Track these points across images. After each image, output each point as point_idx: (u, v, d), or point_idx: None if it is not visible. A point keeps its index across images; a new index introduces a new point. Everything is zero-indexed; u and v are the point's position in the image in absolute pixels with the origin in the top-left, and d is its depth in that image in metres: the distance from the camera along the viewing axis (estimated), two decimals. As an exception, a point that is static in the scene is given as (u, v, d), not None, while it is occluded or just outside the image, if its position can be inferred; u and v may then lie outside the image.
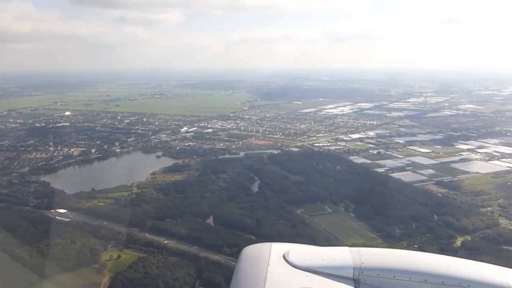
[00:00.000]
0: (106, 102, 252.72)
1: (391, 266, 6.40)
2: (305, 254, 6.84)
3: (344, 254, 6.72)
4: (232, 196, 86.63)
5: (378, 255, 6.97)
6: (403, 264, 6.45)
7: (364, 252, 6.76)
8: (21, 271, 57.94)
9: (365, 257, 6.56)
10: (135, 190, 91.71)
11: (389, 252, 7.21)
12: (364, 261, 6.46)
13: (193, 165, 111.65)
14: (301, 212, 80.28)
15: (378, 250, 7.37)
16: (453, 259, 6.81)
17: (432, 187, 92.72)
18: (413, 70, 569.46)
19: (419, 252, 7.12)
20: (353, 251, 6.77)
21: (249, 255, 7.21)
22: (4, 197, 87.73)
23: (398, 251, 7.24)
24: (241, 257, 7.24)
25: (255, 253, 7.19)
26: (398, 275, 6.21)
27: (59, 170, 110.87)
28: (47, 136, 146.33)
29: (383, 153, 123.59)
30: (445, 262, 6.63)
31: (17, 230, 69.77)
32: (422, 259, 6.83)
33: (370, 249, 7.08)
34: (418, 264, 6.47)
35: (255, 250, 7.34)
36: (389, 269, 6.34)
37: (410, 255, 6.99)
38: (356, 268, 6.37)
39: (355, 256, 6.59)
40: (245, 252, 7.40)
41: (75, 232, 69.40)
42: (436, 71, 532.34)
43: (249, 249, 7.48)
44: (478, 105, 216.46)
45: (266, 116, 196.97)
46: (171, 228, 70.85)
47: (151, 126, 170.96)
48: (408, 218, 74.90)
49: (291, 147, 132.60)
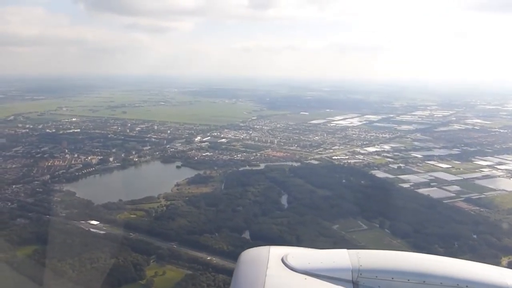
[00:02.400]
0: (111, 108, 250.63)
1: (390, 267, 6.45)
2: (303, 257, 6.86)
3: (342, 257, 6.75)
4: (264, 210, 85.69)
5: (377, 257, 6.97)
6: (401, 265, 6.50)
7: (363, 254, 6.80)
8: (67, 286, 56.45)
9: (364, 259, 6.59)
10: (164, 202, 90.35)
11: (387, 254, 7.13)
12: (363, 263, 6.49)
13: (216, 176, 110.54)
14: (337, 228, 79.50)
15: (376, 252, 7.27)
16: (451, 260, 6.87)
17: (462, 204, 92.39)
18: (413, 82, 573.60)
19: (417, 254, 7.18)
20: (351, 254, 6.78)
21: (248, 259, 7.15)
22: (32, 207, 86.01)
23: (396, 253, 7.15)
24: (240, 261, 7.15)
25: (253, 256, 7.15)
26: (397, 276, 6.27)
27: (80, 179, 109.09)
28: (60, 143, 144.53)
29: (403, 167, 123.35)
30: (444, 263, 6.70)
31: (54, 243, 68.11)
32: (420, 260, 6.89)
33: (368, 251, 7.13)
34: (417, 265, 6.53)
35: (254, 253, 7.28)
36: (387, 270, 6.38)
37: (408, 256, 7.06)
38: (355, 271, 6.39)
39: (354, 259, 6.61)
40: (243, 255, 7.31)
41: (114, 246, 68.01)
42: (434, 84, 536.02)
43: (248, 252, 7.41)
44: (485, 120, 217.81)
45: (276, 126, 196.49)
46: (211, 243, 69.66)
47: (163, 135, 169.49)
48: (448, 237, 74.39)
49: (310, 160, 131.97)
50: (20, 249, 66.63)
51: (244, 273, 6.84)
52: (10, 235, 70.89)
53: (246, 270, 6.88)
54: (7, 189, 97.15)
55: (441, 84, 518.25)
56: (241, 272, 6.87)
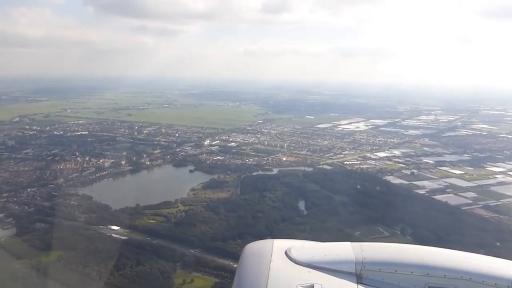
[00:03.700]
0: (116, 110, 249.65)
1: (393, 260, 6.46)
2: (307, 250, 6.89)
3: (346, 249, 6.76)
4: (284, 217, 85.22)
5: (380, 249, 7.00)
6: (405, 258, 6.51)
7: (366, 247, 6.81)
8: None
9: (367, 252, 6.61)
10: (181, 207, 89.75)
11: (391, 247, 7.14)
12: (366, 256, 6.51)
13: (230, 181, 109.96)
14: (358, 235, 79.05)
15: (379, 244, 7.28)
16: (455, 252, 6.86)
17: (481, 211, 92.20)
18: (413, 87, 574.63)
19: (421, 246, 7.08)
20: (355, 246, 6.80)
21: (252, 252, 7.18)
22: (50, 211, 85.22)
23: (400, 245, 7.16)
24: (244, 254, 7.18)
25: (257, 250, 7.19)
26: (400, 269, 6.28)
27: (94, 183, 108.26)
28: (70, 146, 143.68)
29: (416, 173, 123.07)
30: (447, 255, 6.69)
31: (77, 248, 67.70)
32: (424, 252, 6.83)
33: (372, 244, 7.12)
34: (420, 257, 6.52)
35: (257, 246, 7.31)
36: (391, 263, 6.40)
37: (412, 249, 6.99)
38: (358, 263, 6.41)
39: (357, 251, 6.63)
40: (247, 249, 7.34)
41: (138, 252, 67.39)
42: (436, 89, 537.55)
43: (251, 246, 7.43)
44: (491, 125, 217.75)
45: (284, 130, 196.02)
46: (236, 250, 68.82)
47: (172, 138, 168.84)
48: (472, 245, 73.59)
49: (322, 165, 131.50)
50: (44, 255, 65.83)
51: (247, 266, 6.86)
52: (32, 240, 70.15)
53: (250, 263, 6.89)
54: (22, 193, 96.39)
55: (442, 89, 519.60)
56: (244, 265, 6.90)
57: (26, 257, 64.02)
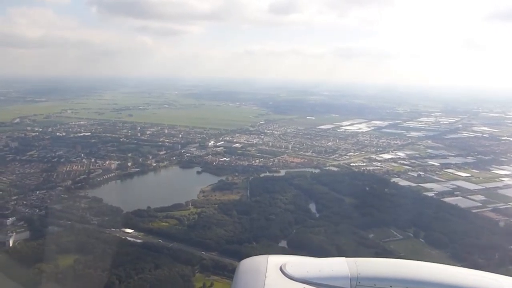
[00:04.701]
0: (117, 111, 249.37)
1: (388, 275, 6.48)
2: (302, 266, 6.89)
3: (341, 265, 6.78)
4: (297, 219, 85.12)
5: (375, 264, 7.05)
6: (399, 273, 6.55)
7: (361, 262, 6.83)
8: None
9: (362, 268, 6.63)
10: (193, 210, 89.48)
11: (385, 262, 7.20)
12: (361, 271, 6.53)
13: (239, 183, 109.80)
14: (372, 237, 79.21)
15: (374, 259, 7.38)
16: (449, 267, 7.00)
17: (491, 214, 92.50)
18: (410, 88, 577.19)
19: (415, 261, 7.12)
20: (349, 262, 6.82)
21: (247, 268, 7.18)
22: (62, 214, 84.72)
23: (394, 261, 7.24)
24: (239, 270, 7.18)
25: (252, 266, 7.18)
26: (395, 284, 6.29)
27: (103, 185, 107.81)
28: (74, 147, 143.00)
29: (423, 176, 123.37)
30: (441, 271, 6.77)
31: (94, 252, 67.21)
32: (418, 268, 6.90)
33: (366, 259, 7.15)
34: (415, 273, 6.57)
35: (252, 263, 7.31)
36: (385, 278, 6.41)
37: (407, 264, 7.06)
38: (353, 279, 6.41)
39: (352, 267, 6.64)
40: (242, 265, 7.34)
41: (155, 255, 67.05)
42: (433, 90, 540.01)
43: (246, 262, 7.43)
44: (492, 128, 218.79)
45: (287, 131, 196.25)
46: (254, 253, 68.64)
47: (175, 139, 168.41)
48: (486, 248, 74.28)
49: (328, 167, 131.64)
50: (60, 259, 65.18)
51: (242, 282, 6.85)
52: (47, 244, 69.52)
53: (245, 279, 6.88)
54: (31, 195, 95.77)
55: (440, 90, 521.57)
56: (239, 281, 6.89)
57: (43, 261, 63.42)
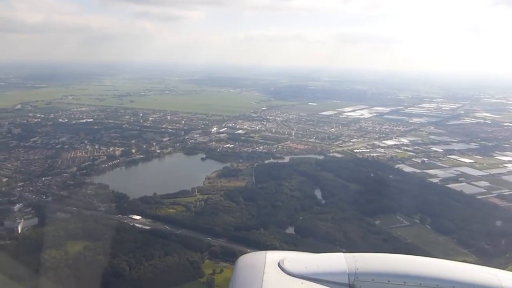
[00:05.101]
0: (118, 97, 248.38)
1: (386, 270, 6.56)
2: (300, 262, 6.94)
3: (339, 261, 6.82)
4: (303, 206, 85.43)
5: (373, 260, 7.06)
6: (397, 268, 6.62)
7: (359, 257, 6.87)
8: (131, 284, 55.72)
9: (360, 263, 6.68)
10: (200, 196, 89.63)
11: (383, 257, 7.24)
12: (359, 266, 6.58)
13: (244, 169, 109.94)
14: (378, 224, 79.51)
15: (372, 255, 7.35)
16: (446, 262, 7.09)
17: (496, 200, 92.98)
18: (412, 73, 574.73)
19: (413, 256, 7.16)
20: (347, 257, 6.87)
21: (245, 264, 7.23)
22: (68, 200, 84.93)
23: (392, 256, 7.25)
24: (237, 266, 7.22)
25: (250, 262, 7.24)
26: (393, 279, 6.36)
27: (108, 171, 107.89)
28: (77, 133, 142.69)
29: (427, 162, 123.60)
30: (439, 265, 6.84)
31: (104, 238, 67.37)
32: (416, 263, 6.93)
33: (364, 255, 7.18)
34: (412, 268, 6.65)
35: (251, 259, 7.39)
36: (383, 273, 6.48)
37: (404, 259, 7.07)
38: (351, 274, 6.47)
39: (350, 262, 6.69)
40: (240, 261, 7.38)
41: (164, 242, 67.27)
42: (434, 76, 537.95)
43: (245, 258, 7.52)
44: (494, 114, 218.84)
45: (289, 117, 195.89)
46: (262, 240, 69.20)
47: (178, 125, 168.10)
48: (492, 234, 74.64)
49: (332, 153, 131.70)
50: (70, 245, 65.38)
51: (241, 278, 6.88)
52: (56, 230, 69.66)
53: (243, 275, 6.91)
54: (37, 182, 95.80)
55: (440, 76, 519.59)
56: (238, 277, 6.91)
57: (53, 247, 63.58)
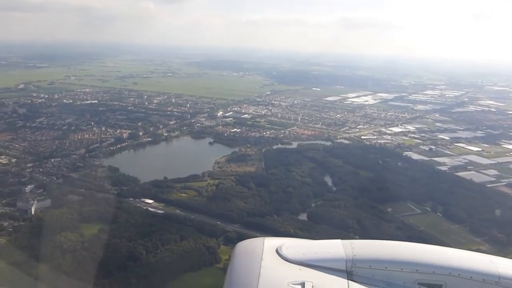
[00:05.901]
0: (121, 78, 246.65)
1: (383, 257, 6.60)
2: (298, 248, 6.95)
3: (336, 247, 6.85)
4: (315, 192, 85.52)
5: (370, 247, 7.11)
6: (395, 255, 6.65)
7: (357, 244, 6.91)
8: (148, 268, 55.79)
9: (358, 249, 6.72)
10: (210, 181, 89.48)
11: (380, 244, 7.26)
12: (357, 253, 6.63)
13: (253, 154, 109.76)
14: (390, 211, 79.71)
15: (370, 242, 7.45)
16: (443, 248, 7.11)
17: (506, 189, 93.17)
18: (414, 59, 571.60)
19: (410, 243, 7.16)
20: (345, 244, 6.90)
21: (243, 251, 7.22)
22: (79, 183, 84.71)
23: (390, 243, 7.27)
24: (235, 253, 7.24)
25: (248, 248, 7.23)
26: (390, 266, 6.42)
27: (116, 154, 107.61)
28: (83, 115, 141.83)
29: (434, 149, 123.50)
30: (436, 252, 6.90)
31: (118, 222, 67.55)
32: (414, 249, 6.94)
33: (362, 241, 7.26)
34: (410, 254, 6.67)
35: (249, 245, 7.35)
36: (381, 260, 6.52)
37: (402, 246, 7.09)
38: (349, 260, 6.52)
39: (348, 249, 6.74)
40: (238, 247, 7.39)
41: (179, 227, 67.39)
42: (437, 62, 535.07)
43: (243, 244, 7.48)
44: (498, 102, 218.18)
45: (294, 102, 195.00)
46: (276, 226, 69.36)
47: (183, 108, 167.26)
48: (504, 223, 74.93)
49: (340, 139, 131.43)
50: (85, 228, 65.52)
51: (239, 264, 6.89)
52: (70, 213, 69.75)
53: (241, 262, 6.93)
54: (46, 163, 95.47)
55: (443, 63, 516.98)
56: (236, 264, 6.93)
57: (68, 229, 63.64)
